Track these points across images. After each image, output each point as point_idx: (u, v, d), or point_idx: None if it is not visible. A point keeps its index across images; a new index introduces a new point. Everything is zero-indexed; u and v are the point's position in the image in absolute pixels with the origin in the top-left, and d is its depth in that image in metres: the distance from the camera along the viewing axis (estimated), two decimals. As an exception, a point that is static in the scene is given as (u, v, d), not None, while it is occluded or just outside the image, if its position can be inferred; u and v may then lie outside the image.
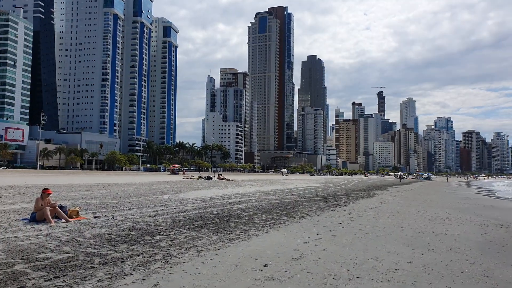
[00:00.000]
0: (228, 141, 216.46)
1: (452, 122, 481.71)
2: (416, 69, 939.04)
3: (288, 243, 8.68)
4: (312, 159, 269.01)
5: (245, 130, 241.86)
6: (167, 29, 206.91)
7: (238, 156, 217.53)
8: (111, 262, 6.33)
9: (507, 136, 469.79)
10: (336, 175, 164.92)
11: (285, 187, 37.58)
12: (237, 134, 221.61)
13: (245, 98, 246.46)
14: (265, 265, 6.54)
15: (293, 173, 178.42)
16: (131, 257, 6.76)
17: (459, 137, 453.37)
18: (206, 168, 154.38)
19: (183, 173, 78.92)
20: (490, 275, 6.49)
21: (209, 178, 50.03)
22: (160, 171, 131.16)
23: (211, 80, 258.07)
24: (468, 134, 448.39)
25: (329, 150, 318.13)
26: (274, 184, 42.68)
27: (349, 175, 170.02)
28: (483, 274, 6.49)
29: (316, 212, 15.43)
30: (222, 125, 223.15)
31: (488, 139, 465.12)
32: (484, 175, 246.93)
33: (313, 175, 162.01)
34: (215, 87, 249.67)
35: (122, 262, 6.40)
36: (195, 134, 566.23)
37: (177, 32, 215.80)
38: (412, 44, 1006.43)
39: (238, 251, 7.68)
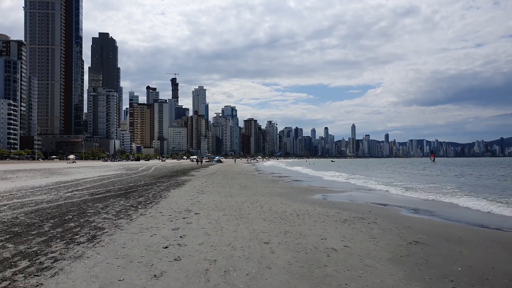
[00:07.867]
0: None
1: (236, 110, 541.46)
2: (207, 59, 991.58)
3: None
4: (104, 143, 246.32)
5: (21, 110, 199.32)
6: None
7: (12, 141, 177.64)
8: None
9: (276, 124, 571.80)
10: (132, 161, 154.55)
11: (70, 178, 28.89)
12: (9, 114, 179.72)
13: (21, 71, 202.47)
14: None
15: (83, 159, 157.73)
16: None
17: (241, 124, 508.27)
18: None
19: None
20: None
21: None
22: None
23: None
24: (248, 122, 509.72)
25: (123, 134, 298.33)
26: (55, 175, 32.85)
27: (145, 160, 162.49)
28: None
29: (118, 222, 9.47)
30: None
31: (263, 127, 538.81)
32: (260, 157, 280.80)
33: (106, 160, 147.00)
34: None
35: None
36: None
37: None
38: (203, 35, 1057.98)
39: None
